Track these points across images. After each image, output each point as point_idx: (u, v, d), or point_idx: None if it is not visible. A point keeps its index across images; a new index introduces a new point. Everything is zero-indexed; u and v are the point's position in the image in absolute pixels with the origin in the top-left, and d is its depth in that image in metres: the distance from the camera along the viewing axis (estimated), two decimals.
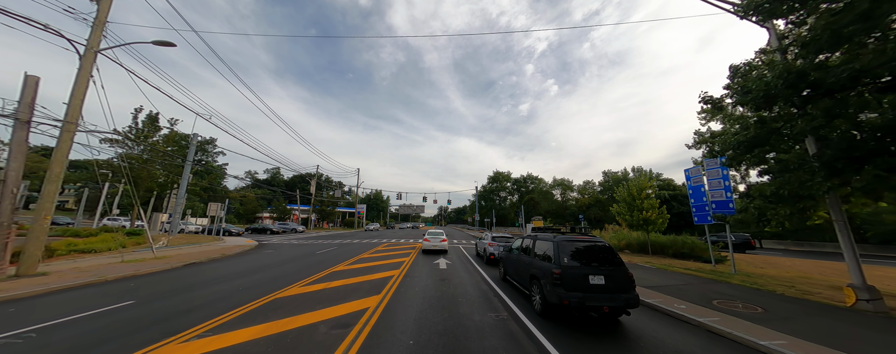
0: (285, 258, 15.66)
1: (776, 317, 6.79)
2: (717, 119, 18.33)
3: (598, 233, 28.02)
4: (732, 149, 8.73)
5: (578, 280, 6.19)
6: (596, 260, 6.60)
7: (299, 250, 19.90)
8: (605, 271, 6.36)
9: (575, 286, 6.14)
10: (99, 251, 16.00)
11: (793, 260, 23.50)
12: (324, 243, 25.30)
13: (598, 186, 63.34)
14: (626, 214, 19.59)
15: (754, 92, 7.39)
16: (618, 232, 23.11)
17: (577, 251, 6.72)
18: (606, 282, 6.21)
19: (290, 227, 40.90)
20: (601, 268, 6.42)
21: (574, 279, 6.21)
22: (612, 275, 6.31)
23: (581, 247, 6.84)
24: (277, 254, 17.62)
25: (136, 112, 24.34)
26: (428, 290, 8.94)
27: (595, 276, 6.25)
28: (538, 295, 6.91)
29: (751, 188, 9.49)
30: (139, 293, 8.29)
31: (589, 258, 6.64)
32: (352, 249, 20.66)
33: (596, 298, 5.98)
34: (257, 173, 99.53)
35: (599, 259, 6.64)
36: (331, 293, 8.43)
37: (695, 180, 15.08)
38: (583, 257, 6.64)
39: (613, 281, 6.24)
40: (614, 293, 6.11)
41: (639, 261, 16.07)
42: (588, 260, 6.58)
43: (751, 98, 7.64)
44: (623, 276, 6.37)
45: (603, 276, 6.26)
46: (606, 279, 6.25)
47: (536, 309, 6.98)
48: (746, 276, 11.84)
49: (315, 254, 17.58)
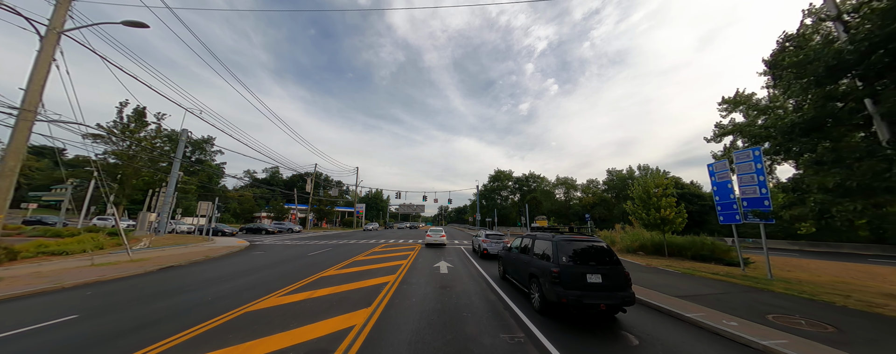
0: (273, 261, 14.40)
1: (858, 339, 5.49)
2: (739, 110, 16.97)
3: (607, 233, 26.70)
4: (783, 134, 7.41)
5: (576, 279, 6.27)
6: (593, 259, 6.66)
7: (291, 251, 18.64)
8: (602, 270, 6.43)
9: (573, 284, 6.23)
10: (72, 254, 14.77)
11: (816, 262, 22.14)
12: (318, 243, 24.05)
13: (603, 184, 61.94)
14: (641, 212, 18.27)
15: (819, 62, 6.07)
16: (631, 232, 21.82)
17: (575, 251, 6.77)
18: (603, 281, 6.31)
19: (287, 227, 39.67)
20: (598, 267, 6.48)
21: (572, 277, 6.29)
22: (609, 274, 6.39)
23: (579, 247, 6.87)
24: (266, 256, 16.36)
25: (121, 106, 23.09)
26: (427, 301, 7.66)
27: (592, 275, 6.33)
28: (537, 293, 7.01)
29: (799, 181, 8.20)
30: (90, 305, 7.03)
31: (586, 257, 6.70)
32: (347, 250, 19.40)
33: (593, 296, 6.07)
34: (256, 172, 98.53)
35: (597, 259, 6.68)
36: (313, 305, 7.16)
37: (720, 176, 13.76)
38: (581, 256, 6.69)
39: (610, 280, 6.34)
40: (611, 291, 6.22)
41: (658, 264, 14.76)
42: (586, 259, 6.64)
43: (812, 70, 6.32)
44: (619, 275, 6.43)
45: (600, 275, 6.35)
46: (603, 277, 6.34)
47: (535, 307, 7.06)
48: (787, 283, 10.52)
49: (307, 256, 16.31)
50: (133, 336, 5.23)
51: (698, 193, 45.63)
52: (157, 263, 13.30)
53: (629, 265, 14.63)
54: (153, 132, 25.32)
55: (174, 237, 23.59)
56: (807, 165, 8.85)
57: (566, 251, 6.74)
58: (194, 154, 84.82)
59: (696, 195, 45.02)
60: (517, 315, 6.77)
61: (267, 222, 50.58)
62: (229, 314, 6.39)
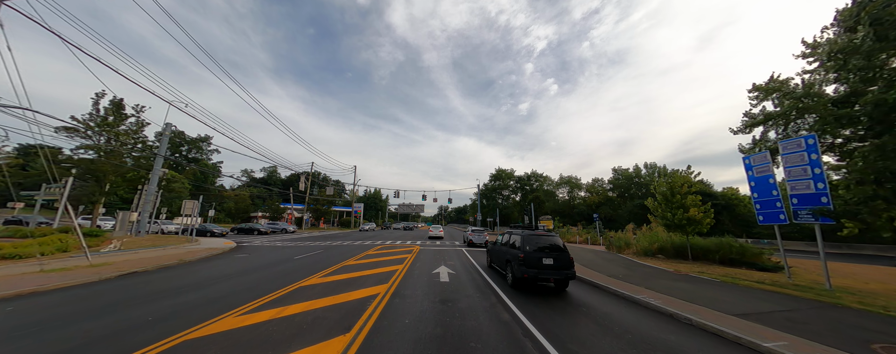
0: (254, 266, 12.77)
1: None
2: (772, 98, 15.31)
3: (617, 234, 25.03)
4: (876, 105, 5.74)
5: (535, 261, 8.59)
6: (548, 248, 8.96)
7: (277, 254, 17.01)
8: (553, 255, 8.74)
9: (533, 265, 8.56)
10: (25, 257, 13.14)
11: (848, 266, 20.45)
12: (309, 245, 22.41)
13: (607, 183, 60.03)
14: (665, 212, 16.56)
15: None
16: (647, 233, 20.19)
17: (536, 243, 9.07)
18: (554, 262, 8.63)
19: (280, 227, 38.03)
20: (551, 254, 8.78)
21: (533, 260, 8.60)
22: (558, 258, 8.71)
23: (539, 240, 9.22)
24: (248, 259, 14.74)
25: (97, 97, 21.47)
26: (423, 323, 6.02)
27: (547, 259, 8.65)
28: (509, 273, 9.42)
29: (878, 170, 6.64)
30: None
31: (544, 247, 8.99)
32: (338, 253, 17.77)
33: (546, 273, 8.48)
34: (254, 171, 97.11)
35: (550, 248, 8.99)
36: (275, 329, 5.52)
37: (759, 170, 12.09)
38: (540, 246, 9.00)
39: (559, 262, 8.66)
40: (559, 270, 8.58)
41: (687, 270, 13.08)
42: (543, 248, 8.93)
43: None
44: (566, 259, 8.78)
45: (552, 258, 8.67)
46: (554, 260, 8.66)
47: (509, 282, 9.50)
48: (854, 294, 8.86)
49: (292, 260, 14.67)
50: None
51: (709, 191, 43.82)
52: (120, 268, 11.68)
53: (655, 271, 12.97)
54: (134, 126, 23.68)
55: (154, 238, 21.98)
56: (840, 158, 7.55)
57: (530, 242, 9.06)
58: (190, 152, 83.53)
59: (707, 194, 43.21)
60: (539, 341, 5.14)
61: (263, 222, 49.00)
62: (151, 347, 4.74)
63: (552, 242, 9.07)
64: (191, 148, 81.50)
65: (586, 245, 28.52)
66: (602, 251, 20.89)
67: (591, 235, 33.13)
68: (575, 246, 27.06)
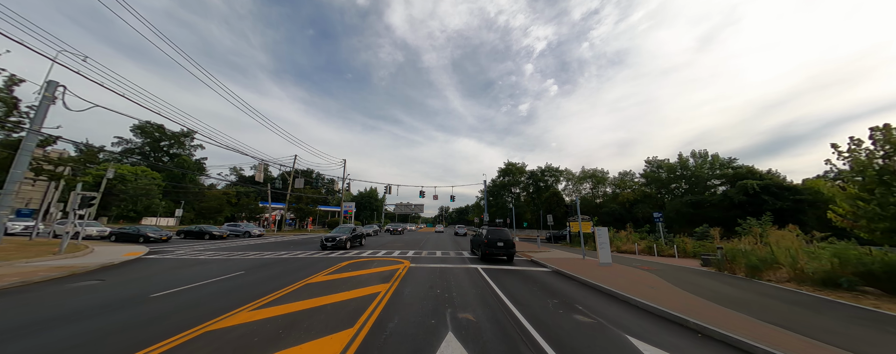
0: (65, 317, 4.95)
1: None
2: None
3: (734, 242, 16.37)
4: None
5: (493, 244, 15.29)
6: (500, 238, 15.54)
7: (164, 278, 9.24)
8: (503, 241, 15.40)
9: (491, 247, 15.27)
10: None
11: None
12: (238, 260, 14.59)
13: (639, 177, 51.34)
14: (872, 207, 8.51)
15: None
16: (826, 246, 11.91)
17: (495, 235, 15.74)
18: (503, 246, 15.34)
19: (242, 229, 30.37)
20: (502, 241, 15.41)
21: (491, 244, 15.30)
22: (505, 243, 15.37)
23: (496, 232, 16.11)
24: (91, 292, 6.95)
25: None
26: None
27: (499, 243, 15.36)
28: (479, 252, 16.17)
29: None
30: None
31: (498, 237, 15.62)
32: (264, 279, 10.03)
33: (498, 252, 15.33)
34: (243, 169, 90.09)
35: (501, 238, 15.54)
36: None
37: None
38: (497, 236, 15.69)
39: (506, 246, 15.36)
40: (506, 249, 15.37)
41: None
42: (498, 238, 15.57)
43: None
44: (510, 244, 15.53)
45: (502, 243, 15.37)
46: (503, 244, 15.34)
47: (478, 257, 16.56)
48: None
49: (146, 300, 6.92)
50: None
51: (787, 185, 34.89)
52: None
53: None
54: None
55: (18, 245, 14.23)
56: None
57: (491, 234, 15.90)
58: (172, 148, 76.57)
59: (784, 188, 34.44)
60: None
61: (248, 223, 41.58)
62: None
63: (505, 236, 15.79)
64: (172, 143, 74.77)
65: (653, 257, 20.20)
66: (708, 272, 12.88)
67: (650, 241, 24.52)
68: (637, 258, 18.74)
